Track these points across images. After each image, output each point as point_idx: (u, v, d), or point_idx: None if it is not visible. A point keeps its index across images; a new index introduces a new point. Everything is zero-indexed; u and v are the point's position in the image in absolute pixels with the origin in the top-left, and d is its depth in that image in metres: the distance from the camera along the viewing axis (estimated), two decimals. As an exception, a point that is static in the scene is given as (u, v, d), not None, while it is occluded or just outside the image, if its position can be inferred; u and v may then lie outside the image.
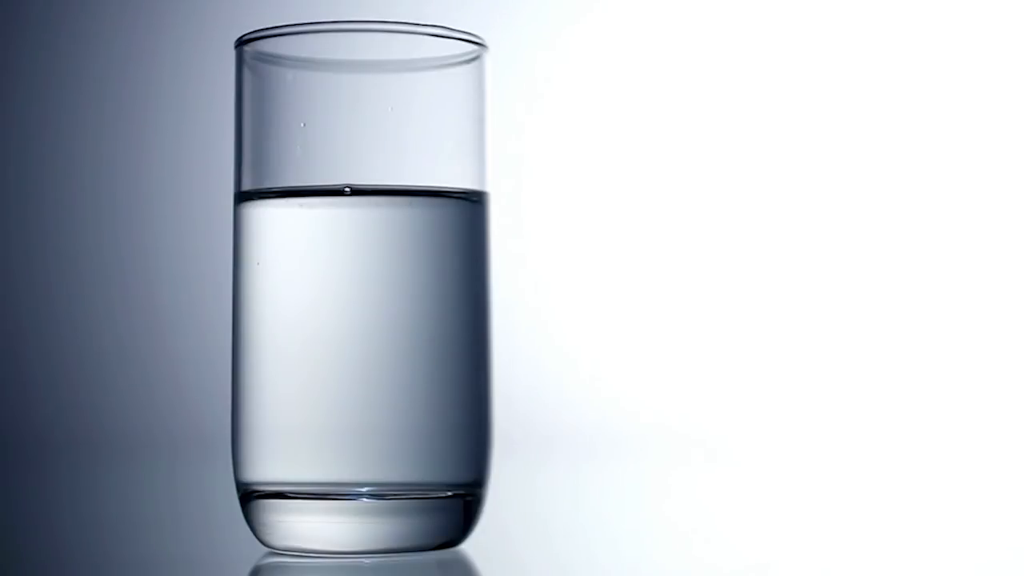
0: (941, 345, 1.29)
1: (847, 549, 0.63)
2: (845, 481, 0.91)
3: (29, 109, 1.35)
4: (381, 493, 0.56)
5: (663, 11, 1.36)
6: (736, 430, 1.22)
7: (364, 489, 0.56)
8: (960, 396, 1.26)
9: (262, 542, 0.58)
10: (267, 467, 0.57)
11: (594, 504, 0.81)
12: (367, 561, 0.56)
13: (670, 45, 1.35)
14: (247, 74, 0.58)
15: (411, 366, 0.56)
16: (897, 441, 1.17)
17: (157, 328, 1.31)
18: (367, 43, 0.57)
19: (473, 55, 0.58)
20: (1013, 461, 1.05)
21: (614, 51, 1.36)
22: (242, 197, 0.58)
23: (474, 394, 0.58)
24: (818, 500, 0.82)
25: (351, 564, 0.55)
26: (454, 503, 0.57)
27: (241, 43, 0.58)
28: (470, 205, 0.58)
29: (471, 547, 0.58)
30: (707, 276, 1.32)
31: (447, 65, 0.58)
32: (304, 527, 0.56)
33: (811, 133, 1.34)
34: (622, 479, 0.95)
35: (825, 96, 1.34)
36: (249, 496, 0.57)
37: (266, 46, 0.57)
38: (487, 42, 0.59)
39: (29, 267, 1.33)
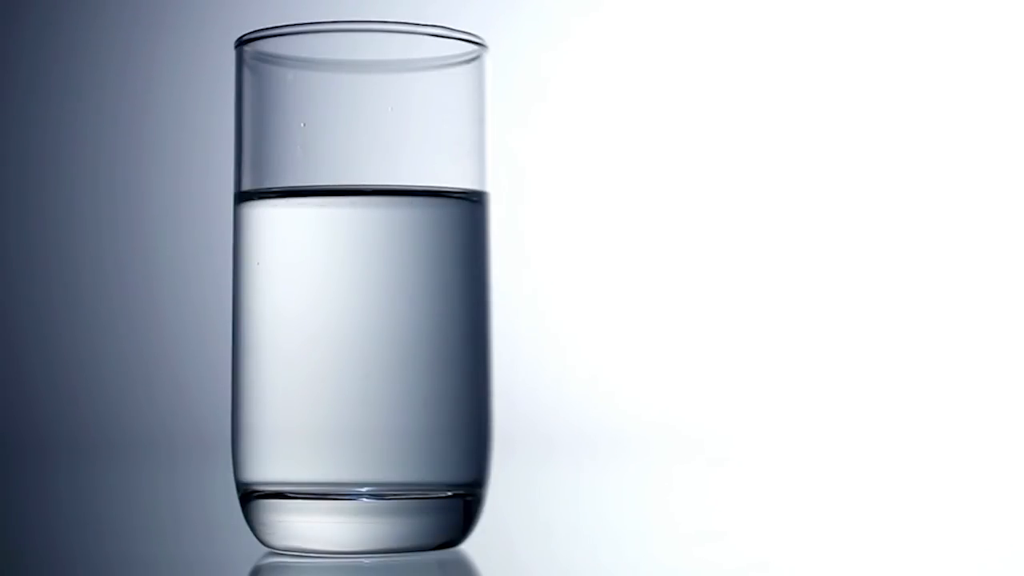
0: (941, 345, 1.29)
1: (847, 549, 0.63)
2: (846, 481, 0.91)
3: (29, 109, 1.35)
4: (381, 493, 0.56)
5: (664, 11, 1.36)
6: (737, 430, 1.22)
7: (364, 489, 0.56)
8: (960, 396, 1.26)
9: (262, 542, 0.58)
10: (267, 467, 0.57)
11: (594, 504, 0.81)
12: (367, 561, 0.56)
13: (671, 45, 1.35)
14: (247, 74, 0.58)
15: (411, 366, 0.56)
16: (898, 441, 1.17)
17: (157, 328, 1.31)
18: (367, 43, 0.57)
19: (473, 55, 0.58)
20: (1013, 461, 1.05)
21: (614, 51, 1.36)
22: (242, 197, 0.58)
23: (474, 394, 0.58)
24: (819, 500, 0.82)
25: (351, 564, 0.55)
26: (454, 503, 0.57)
27: (241, 43, 0.58)
28: (470, 205, 0.58)
29: (471, 547, 0.58)
30: (708, 276, 1.32)
31: (447, 65, 0.58)
32: (304, 527, 0.56)
33: (811, 133, 1.34)
34: (622, 479, 0.95)
35: (825, 96, 1.34)
36: (249, 496, 0.57)
37: (266, 46, 0.57)
38: (487, 42, 0.59)
39: (29, 267, 1.33)
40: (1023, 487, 0.90)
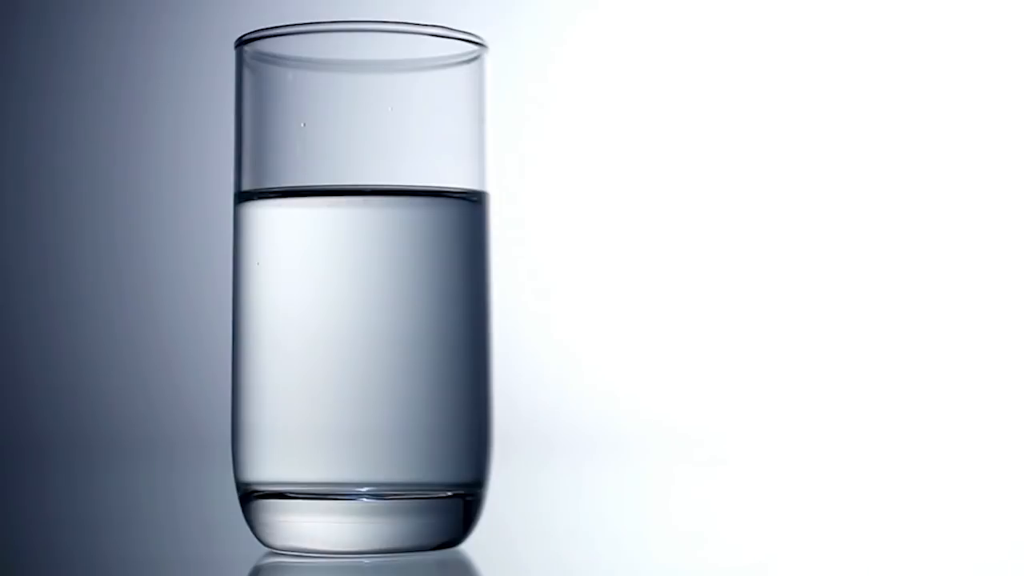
0: (941, 345, 1.29)
1: (847, 549, 0.63)
2: (845, 480, 0.91)
3: (29, 109, 1.35)
4: (381, 493, 0.56)
5: (663, 11, 1.36)
6: (736, 429, 1.22)
7: (364, 489, 0.56)
8: (960, 396, 1.26)
9: (262, 542, 0.58)
10: (267, 467, 0.57)
11: (594, 504, 0.81)
12: (367, 561, 0.56)
13: (670, 45, 1.35)
14: (247, 74, 0.58)
15: (411, 366, 0.56)
16: (897, 441, 1.17)
17: (157, 328, 1.31)
18: (367, 43, 0.57)
19: (473, 55, 0.58)
20: (1013, 461, 1.05)
21: (614, 51, 1.36)
22: (242, 197, 0.58)
23: (474, 394, 0.58)
24: (818, 500, 0.82)
25: (351, 564, 0.55)
26: (454, 503, 0.57)
27: (241, 43, 0.58)
28: (470, 205, 0.58)
29: (471, 547, 0.58)
30: (707, 276, 1.32)
31: (447, 65, 0.58)
32: (304, 527, 0.56)
33: (811, 132, 1.34)
34: (622, 479, 0.95)
35: (825, 96, 1.34)
36: (249, 496, 0.57)
37: (266, 46, 0.57)
38: (487, 42, 0.59)
39: (28, 267, 1.33)
40: (1023, 487, 0.90)
